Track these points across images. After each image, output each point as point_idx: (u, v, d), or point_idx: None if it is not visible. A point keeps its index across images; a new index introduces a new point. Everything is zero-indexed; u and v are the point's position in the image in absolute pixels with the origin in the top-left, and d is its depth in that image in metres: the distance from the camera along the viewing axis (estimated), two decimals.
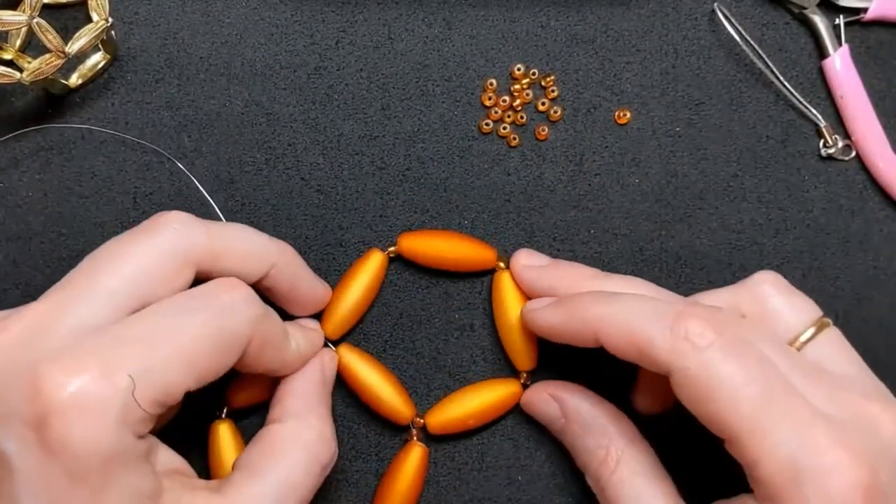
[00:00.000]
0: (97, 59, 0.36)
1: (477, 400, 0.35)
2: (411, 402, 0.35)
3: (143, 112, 0.37)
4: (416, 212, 0.37)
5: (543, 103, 0.37)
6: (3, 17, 0.32)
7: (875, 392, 0.30)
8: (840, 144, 0.38)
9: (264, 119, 0.37)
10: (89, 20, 0.35)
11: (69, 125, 0.36)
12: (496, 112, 0.37)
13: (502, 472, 0.36)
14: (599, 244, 0.37)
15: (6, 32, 0.35)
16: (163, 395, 0.26)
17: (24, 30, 0.35)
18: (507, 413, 0.36)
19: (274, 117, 0.37)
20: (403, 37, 0.38)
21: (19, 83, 0.33)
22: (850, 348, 0.31)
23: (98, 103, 0.37)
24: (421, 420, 0.35)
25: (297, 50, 0.37)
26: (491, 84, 0.37)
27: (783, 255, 0.38)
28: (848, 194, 0.38)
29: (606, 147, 0.38)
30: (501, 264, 0.36)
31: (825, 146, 0.38)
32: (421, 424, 0.35)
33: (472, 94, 0.38)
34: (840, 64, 0.38)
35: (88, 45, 0.33)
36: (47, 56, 0.33)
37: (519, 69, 0.37)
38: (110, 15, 0.35)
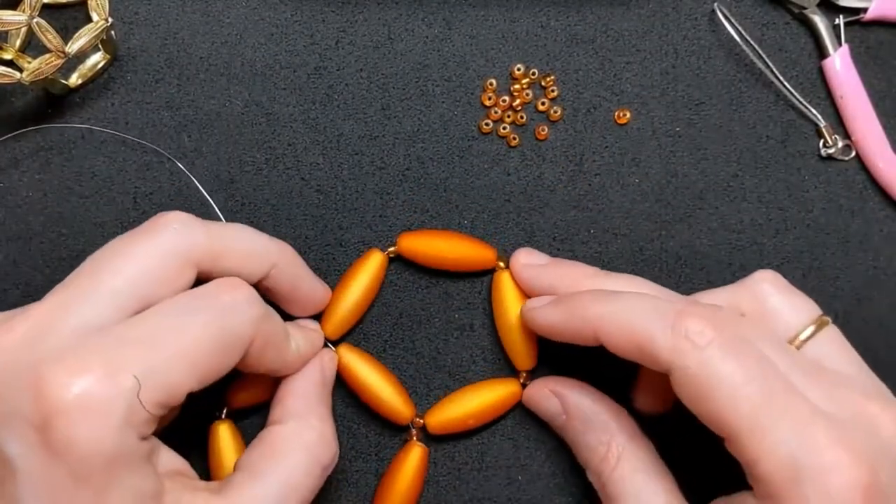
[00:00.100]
0: (97, 59, 0.36)
1: (477, 400, 0.35)
2: (411, 402, 0.35)
3: (143, 112, 0.37)
4: (415, 212, 0.37)
5: (543, 103, 0.37)
6: (3, 17, 0.32)
7: (875, 391, 0.30)
8: (840, 144, 0.38)
9: (264, 119, 0.37)
10: (89, 20, 0.35)
11: (69, 125, 0.36)
12: (496, 112, 0.37)
13: (502, 472, 0.36)
14: (599, 244, 0.37)
15: (6, 32, 0.35)
16: (166, 396, 0.26)
17: (24, 30, 0.35)
18: (506, 413, 0.36)
19: (274, 117, 0.37)
20: (403, 37, 0.38)
21: (19, 83, 0.33)
22: (850, 347, 0.31)
23: (98, 103, 0.37)
24: (421, 420, 0.35)
25: (297, 50, 0.37)
26: (491, 84, 0.37)
27: (783, 255, 0.38)
28: (848, 194, 0.38)
29: (606, 147, 0.38)
30: (501, 264, 0.36)
31: (825, 146, 0.38)
32: (421, 424, 0.35)
33: (472, 94, 0.38)
34: (840, 64, 0.38)
35: (88, 45, 0.33)
36: (47, 56, 0.33)
37: (519, 69, 0.37)
38: (110, 15, 0.35)
